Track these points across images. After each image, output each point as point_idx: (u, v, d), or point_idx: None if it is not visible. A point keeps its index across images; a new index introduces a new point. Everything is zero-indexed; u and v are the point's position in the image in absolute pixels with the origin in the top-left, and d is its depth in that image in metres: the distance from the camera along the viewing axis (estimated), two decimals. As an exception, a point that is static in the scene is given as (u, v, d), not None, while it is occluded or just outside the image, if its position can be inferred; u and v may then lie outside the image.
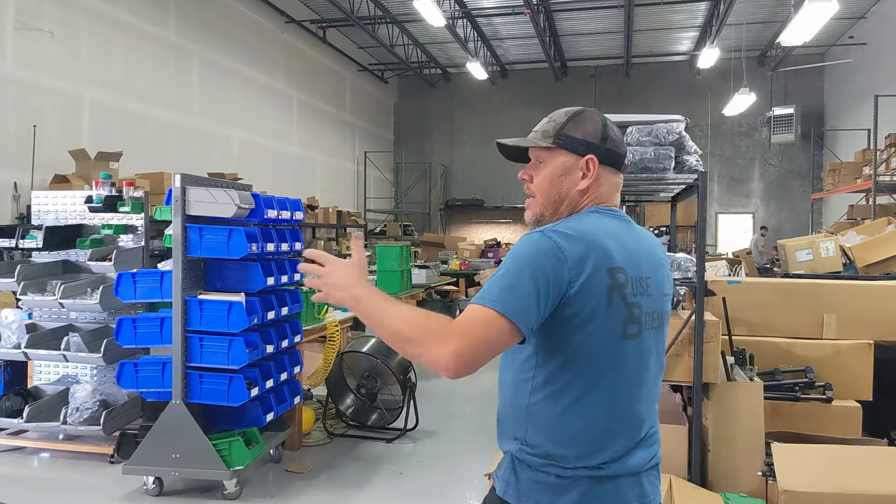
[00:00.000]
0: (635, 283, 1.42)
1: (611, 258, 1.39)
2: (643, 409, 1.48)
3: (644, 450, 1.47)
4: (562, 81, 19.50)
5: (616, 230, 1.47)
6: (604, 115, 1.61)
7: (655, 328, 1.49)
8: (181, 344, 3.85)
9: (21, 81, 7.91)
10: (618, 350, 1.41)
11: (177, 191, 3.83)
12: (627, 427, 1.45)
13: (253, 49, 13.00)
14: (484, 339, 1.30)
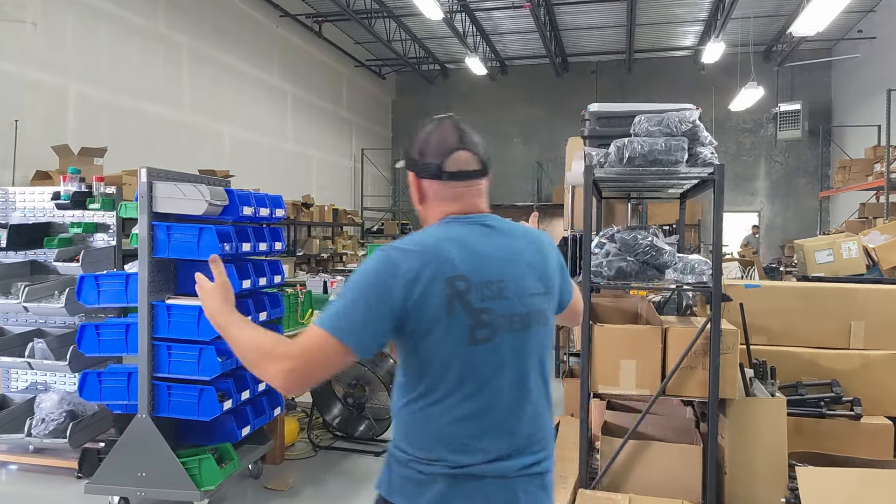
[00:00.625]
0: (481, 288, 1.45)
1: (450, 268, 1.43)
2: (515, 413, 1.49)
3: (519, 456, 1.49)
4: (562, 77, 19.16)
5: (465, 238, 1.49)
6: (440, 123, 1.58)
7: (518, 330, 1.49)
8: (147, 353, 3.53)
9: (2, 74, 7.59)
10: (468, 355, 1.44)
11: (142, 186, 3.50)
12: (492, 430, 1.47)
13: (246, 43, 12.67)
14: (316, 359, 1.40)
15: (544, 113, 19.43)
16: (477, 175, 1.57)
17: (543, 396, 1.56)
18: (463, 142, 1.55)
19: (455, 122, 1.59)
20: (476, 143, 1.58)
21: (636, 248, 3.45)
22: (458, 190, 1.56)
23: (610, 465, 3.35)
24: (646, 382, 3.29)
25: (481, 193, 1.60)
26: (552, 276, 1.59)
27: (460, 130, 1.57)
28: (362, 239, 17.11)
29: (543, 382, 1.56)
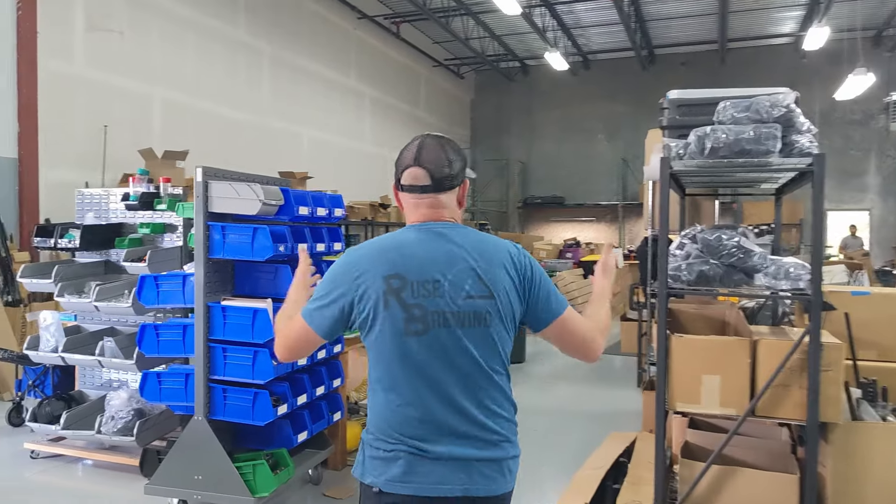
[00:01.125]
0: (416, 286, 1.63)
1: (389, 267, 1.65)
2: (451, 404, 1.64)
3: (465, 443, 1.64)
4: (648, 70, 18.41)
5: (411, 242, 1.68)
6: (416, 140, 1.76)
7: (451, 326, 1.63)
8: (203, 354, 3.46)
9: (92, 82, 7.91)
10: (403, 346, 1.64)
11: (198, 186, 3.44)
12: (433, 416, 1.64)
13: (324, 46, 12.80)
14: (291, 336, 1.76)
15: (629, 108, 18.74)
16: (426, 189, 1.71)
17: (484, 389, 1.67)
18: (417, 159, 1.71)
19: (425, 140, 1.75)
20: (432, 161, 1.71)
21: (720, 249, 3.09)
22: (413, 201, 1.74)
23: (690, 492, 3.01)
24: (732, 401, 2.93)
25: (434, 205, 1.73)
26: (500, 282, 1.66)
27: (421, 150, 1.73)
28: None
29: (485, 377, 1.67)
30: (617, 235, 19.07)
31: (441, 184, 1.72)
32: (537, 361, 8.29)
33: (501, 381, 1.71)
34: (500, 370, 1.70)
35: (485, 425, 1.66)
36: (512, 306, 1.68)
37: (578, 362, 8.55)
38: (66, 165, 7.59)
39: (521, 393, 7.13)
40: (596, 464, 3.86)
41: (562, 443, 5.19)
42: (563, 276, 10.76)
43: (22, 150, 6.89)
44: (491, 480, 1.67)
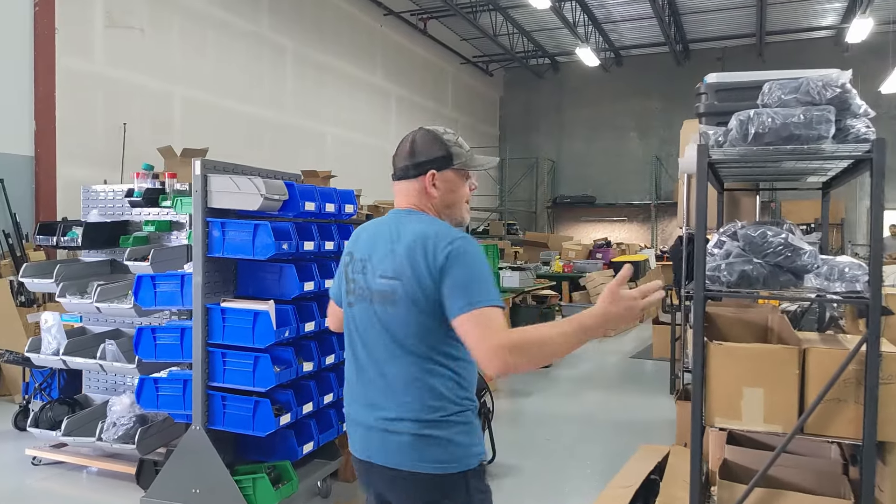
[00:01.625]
0: (356, 262, 1.83)
1: (350, 245, 1.90)
2: (364, 373, 1.80)
3: (368, 410, 1.78)
4: (683, 66, 17.90)
5: (372, 224, 1.89)
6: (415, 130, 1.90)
7: (369, 302, 1.77)
8: (201, 360, 3.25)
9: (111, 80, 7.83)
10: (345, 315, 1.88)
11: (196, 179, 3.23)
12: (352, 382, 1.85)
13: (349, 43, 12.63)
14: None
15: (662, 105, 18.26)
16: (395, 178, 1.87)
17: (390, 364, 1.74)
18: (395, 153, 1.88)
19: (405, 137, 1.87)
20: (399, 152, 1.86)
21: (765, 247, 2.76)
22: (393, 189, 1.89)
23: (730, 517, 2.70)
24: (777, 417, 2.61)
25: (399, 192, 1.86)
26: (408, 266, 1.69)
27: (399, 145, 1.88)
28: (468, 239, 16.73)
29: (393, 354, 1.73)
30: (649, 235, 18.59)
31: (400, 173, 1.85)
32: (565, 364, 7.98)
33: (414, 361, 1.72)
34: (413, 350, 1.71)
35: (385, 399, 1.75)
36: (423, 291, 1.68)
37: (610, 365, 8.26)
38: (84, 163, 7.51)
39: (546, 399, 6.85)
40: (625, 481, 3.55)
41: (588, 455, 4.89)
42: (592, 277, 10.41)
43: (38, 147, 6.81)
44: (388, 452, 1.73)
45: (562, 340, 1.57)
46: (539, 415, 5.93)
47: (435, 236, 1.70)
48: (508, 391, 6.77)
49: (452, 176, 1.84)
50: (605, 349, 9.25)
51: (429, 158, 1.81)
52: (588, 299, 10.36)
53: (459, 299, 1.63)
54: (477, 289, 1.63)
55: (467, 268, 1.66)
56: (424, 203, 1.83)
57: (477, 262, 1.68)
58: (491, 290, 1.65)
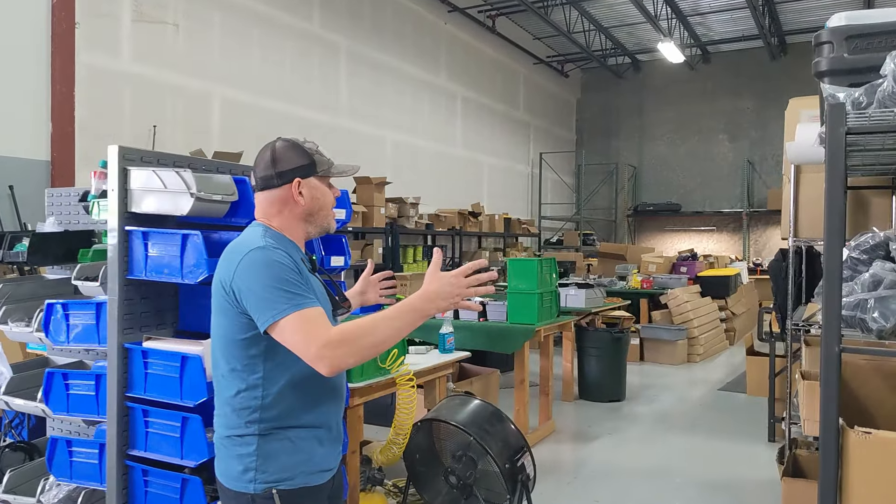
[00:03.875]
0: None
1: None
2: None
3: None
4: (779, 61, 16.20)
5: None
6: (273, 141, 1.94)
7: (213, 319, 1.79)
8: (117, 418, 2.42)
9: (140, 78, 7.31)
10: None
11: (113, 174, 2.42)
12: None
13: (409, 42, 11.87)
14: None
15: (755, 104, 16.59)
16: (253, 189, 1.90)
17: (220, 375, 1.77)
18: (254, 163, 1.91)
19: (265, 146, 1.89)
20: (256, 163, 1.87)
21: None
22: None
23: None
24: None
25: (259, 204, 1.87)
26: (216, 289, 1.75)
27: (261, 151, 1.89)
28: (539, 251, 15.63)
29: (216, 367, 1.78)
30: (741, 247, 16.90)
31: (262, 183, 1.85)
32: (640, 399, 6.80)
33: (226, 375, 1.74)
34: (225, 363, 1.74)
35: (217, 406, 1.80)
36: (224, 310, 1.72)
37: (694, 399, 6.99)
38: (111, 170, 7.00)
39: (615, 445, 5.62)
40: None
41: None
42: (675, 294, 9.14)
43: (55, 152, 6.32)
44: (219, 464, 1.78)
45: (387, 325, 1.62)
46: (602, 468, 4.83)
47: (233, 250, 1.74)
48: (571, 433, 5.70)
49: (317, 183, 1.87)
50: (691, 378, 7.98)
51: (293, 166, 1.82)
52: (670, 320, 9.10)
53: (264, 311, 1.63)
54: (276, 295, 1.62)
55: (258, 278, 1.65)
56: (279, 212, 1.83)
57: (268, 271, 1.65)
58: (292, 292, 1.63)
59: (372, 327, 1.60)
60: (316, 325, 1.59)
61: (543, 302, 5.18)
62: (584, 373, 6.69)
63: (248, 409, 1.69)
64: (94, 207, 2.64)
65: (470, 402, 3.55)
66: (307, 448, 1.72)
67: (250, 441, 1.69)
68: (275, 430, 1.69)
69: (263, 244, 1.69)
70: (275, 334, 1.62)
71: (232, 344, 1.70)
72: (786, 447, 3.69)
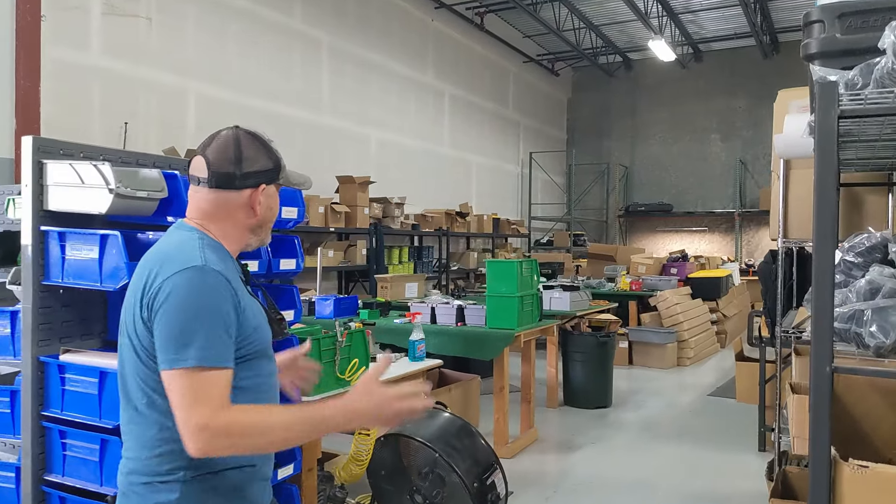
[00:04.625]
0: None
1: None
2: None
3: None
4: (771, 59, 16.03)
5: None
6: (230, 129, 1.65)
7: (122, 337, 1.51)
8: (31, 439, 2.18)
9: (110, 73, 7.05)
10: None
11: (27, 168, 2.17)
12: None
13: (395, 38, 11.63)
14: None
15: (748, 103, 16.40)
16: (200, 182, 1.56)
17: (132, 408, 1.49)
18: (203, 148, 1.59)
19: (220, 133, 1.60)
20: (215, 152, 1.55)
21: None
22: (189, 192, 1.60)
23: None
24: None
25: (203, 202, 1.57)
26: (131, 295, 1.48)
27: (212, 139, 1.59)
28: (529, 252, 15.41)
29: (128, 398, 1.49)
30: (733, 247, 16.72)
31: (221, 180, 1.55)
32: (627, 406, 6.58)
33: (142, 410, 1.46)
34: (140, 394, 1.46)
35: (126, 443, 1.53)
36: (136, 327, 1.45)
37: (683, 406, 6.77)
38: (79, 168, 6.73)
39: (599, 454, 5.33)
40: None
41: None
42: (664, 296, 8.93)
43: (19, 149, 6.05)
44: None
45: (285, 433, 1.39)
46: (586, 480, 4.60)
47: (162, 258, 1.46)
48: (554, 443, 5.48)
49: (274, 192, 1.65)
50: (680, 383, 7.77)
51: (260, 169, 1.59)
52: (660, 322, 8.88)
53: (168, 350, 1.38)
54: (189, 339, 1.36)
55: (181, 310, 1.38)
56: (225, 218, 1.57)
57: (197, 304, 1.38)
58: (210, 344, 1.36)
59: (267, 429, 1.36)
60: (209, 396, 1.34)
61: (524, 305, 4.95)
62: (569, 378, 6.46)
63: (173, 453, 1.42)
64: (10, 205, 2.39)
65: (438, 416, 3.32)
66: (239, 490, 1.49)
67: (173, 488, 1.43)
68: (204, 475, 1.44)
69: (202, 262, 1.42)
70: (165, 378, 1.38)
71: (151, 370, 1.42)
72: (775, 461, 3.48)
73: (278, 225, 2.67)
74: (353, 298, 5.50)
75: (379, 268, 9.61)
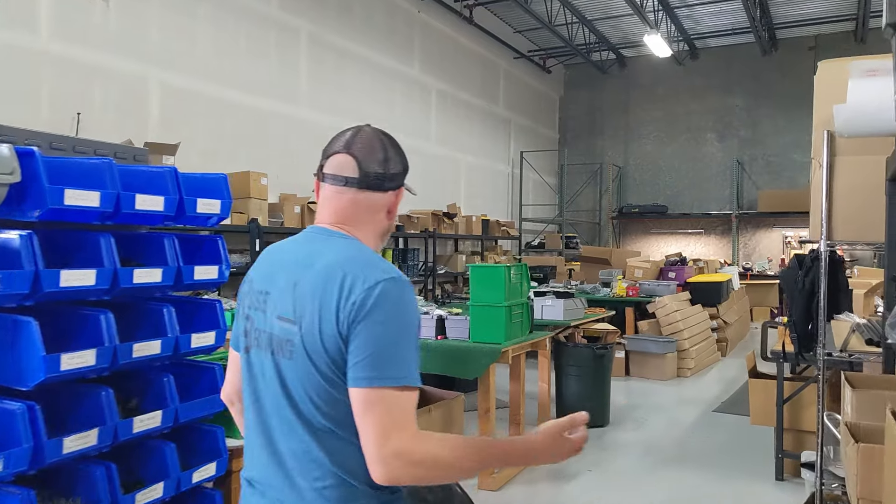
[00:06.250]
0: (254, 295, 1.45)
1: (253, 270, 1.51)
2: (257, 438, 1.42)
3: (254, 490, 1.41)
4: (770, 56, 15.57)
5: (282, 246, 1.50)
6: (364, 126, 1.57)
7: (266, 349, 1.40)
8: None
9: (61, 59, 6.43)
10: (242, 362, 1.46)
11: None
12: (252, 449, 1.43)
13: (380, 29, 11.04)
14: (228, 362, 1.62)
15: (746, 102, 15.94)
16: (350, 182, 1.46)
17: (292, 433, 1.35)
18: (349, 146, 1.49)
19: (359, 129, 1.53)
20: (364, 152, 1.47)
21: None
22: (327, 194, 1.49)
23: None
24: None
25: (352, 205, 1.46)
26: (312, 307, 1.32)
27: (356, 137, 1.51)
28: (520, 254, 14.84)
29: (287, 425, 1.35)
30: (730, 250, 16.22)
31: (371, 181, 1.47)
32: (626, 424, 6.01)
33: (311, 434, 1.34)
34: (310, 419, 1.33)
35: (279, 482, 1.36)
36: (324, 343, 1.30)
37: (687, 424, 6.18)
38: (23, 161, 6.10)
39: (597, 482, 4.24)
40: None
41: None
42: (664, 302, 8.37)
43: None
44: None
45: (470, 464, 1.29)
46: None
47: (358, 269, 1.33)
48: (545, 470, 4.87)
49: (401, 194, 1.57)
50: (682, 396, 7.21)
51: (402, 170, 1.53)
52: (658, 331, 8.33)
53: (372, 366, 1.27)
54: (391, 357, 1.28)
55: (388, 324, 1.29)
56: (369, 222, 1.48)
57: (404, 317, 1.31)
58: (410, 361, 1.28)
59: (455, 461, 1.27)
60: (409, 420, 1.27)
61: (513, 316, 4.36)
62: (563, 394, 5.88)
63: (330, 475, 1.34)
64: None
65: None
66: None
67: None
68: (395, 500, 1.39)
69: (397, 274, 1.36)
70: (356, 397, 1.27)
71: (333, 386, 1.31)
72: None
73: (193, 222, 2.07)
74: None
75: (360, 271, 9.02)
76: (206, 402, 2.12)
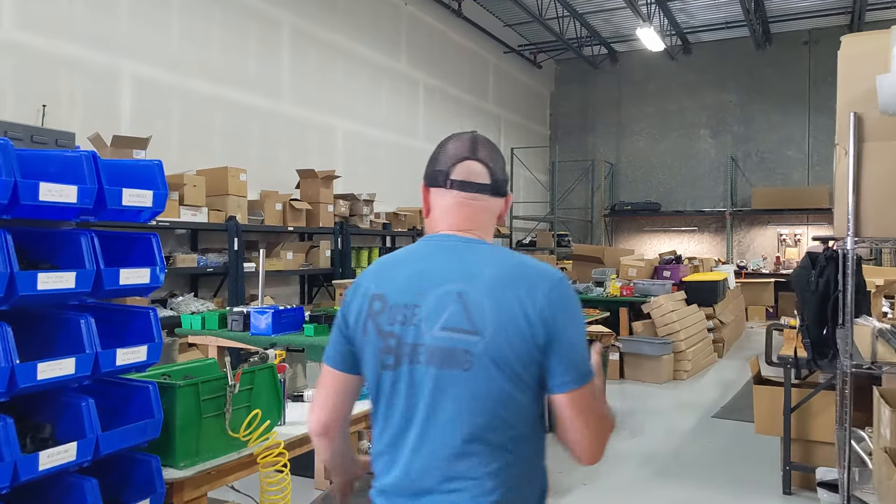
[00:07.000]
0: (394, 311, 1.38)
1: (374, 286, 1.41)
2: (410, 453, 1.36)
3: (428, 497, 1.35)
4: (764, 51, 15.33)
5: (411, 255, 1.45)
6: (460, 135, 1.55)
7: (424, 363, 1.34)
8: None
9: (25, 49, 6.06)
10: (379, 381, 1.40)
11: None
12: (405, 472, 1.37)
13: (366, 22, 10.70)
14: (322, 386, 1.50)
15: (739, 98, 15.70)
16: (483, 189, 1.46)
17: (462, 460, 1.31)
18: (475, 152, 1.49)
19: (475, 136, 1.54)
20: (490, 158, 1.49)
21: None
22: (458, 201, 1.46)
23: None
24: None
25: (479, 211, 1.45)
26: (496, 315, 1.29)
27: (477, 143, 1.50)
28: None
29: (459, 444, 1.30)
30: (724, 248, 15.98)
31: (499, 186, 1.48)
32: (621, 432, 5.71)
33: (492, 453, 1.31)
34: (488, 434, 1.30)
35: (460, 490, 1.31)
36: (514, 351, 1.29)
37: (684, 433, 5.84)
38: (-17, 156, 5.74)
39: (595, 498, 3.65)
40: None
41: None
42: (659, 302, 8.09)
43: None
44: None
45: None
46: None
47: (535, 275, 1.34)
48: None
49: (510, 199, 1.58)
50: (679, 401, 6.92)
51: (507, 176, 1.53)
52: (654, 332, 8.04)
53: (570, 370, 1.31)
54: (584, 355, 1.34)
55: (575, 324, 1.34)
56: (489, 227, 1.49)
57: (580, 313, 1.37)
58: (588, 357, 1.36)
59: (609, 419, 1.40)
60: (603, 407, 1.37)
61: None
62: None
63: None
64: None
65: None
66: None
67: None
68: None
69: (560, 272, 1.39)
70: (565, 401, 1.30)
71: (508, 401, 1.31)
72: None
73: (119, 217, 1.74)
74: (299, 310, 4.57)
75: (345, 271, 8.69)
76: (138, 427, 1.80)
